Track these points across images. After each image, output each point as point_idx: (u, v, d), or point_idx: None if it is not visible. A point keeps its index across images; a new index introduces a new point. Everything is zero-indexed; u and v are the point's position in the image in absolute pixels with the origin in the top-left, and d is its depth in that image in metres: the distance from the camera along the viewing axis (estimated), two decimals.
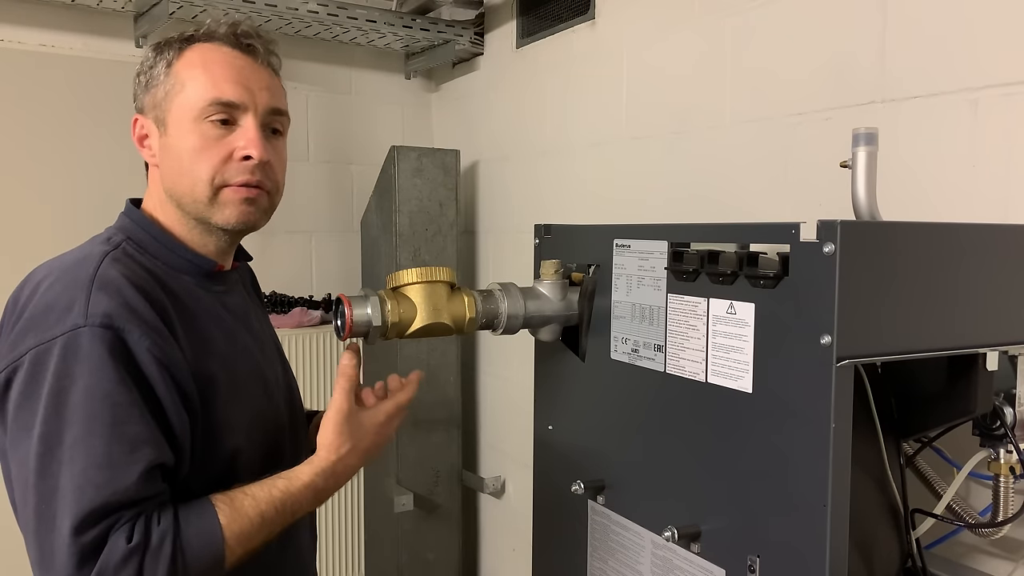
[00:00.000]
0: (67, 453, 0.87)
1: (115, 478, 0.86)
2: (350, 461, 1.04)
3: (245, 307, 1.16)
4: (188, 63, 1.05)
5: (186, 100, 1.03)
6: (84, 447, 0.87)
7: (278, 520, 0.97)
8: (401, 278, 1.19)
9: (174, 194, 1.05)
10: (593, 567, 1.29)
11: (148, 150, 1.08)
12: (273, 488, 0.97)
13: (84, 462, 0.86)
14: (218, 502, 0.93)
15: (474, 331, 1.26)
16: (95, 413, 0.88)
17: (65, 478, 0.86)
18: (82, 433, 0.87)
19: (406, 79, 2.90)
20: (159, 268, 1.02)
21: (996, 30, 1.29)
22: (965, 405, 1.02)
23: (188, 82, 1.04)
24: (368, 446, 1.06)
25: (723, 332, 1.02)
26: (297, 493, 0.99)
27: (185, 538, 0.89)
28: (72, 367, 0.88)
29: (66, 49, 2.33)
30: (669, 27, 1.91)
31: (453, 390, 2.60)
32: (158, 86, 1.05)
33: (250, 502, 0.95)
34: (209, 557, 0.90)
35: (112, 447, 0.87)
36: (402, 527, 2.53)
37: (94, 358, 0.89)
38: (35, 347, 0.90)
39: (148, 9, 2.29)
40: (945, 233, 0.99)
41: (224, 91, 1.03)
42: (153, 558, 0.86)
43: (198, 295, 1.05)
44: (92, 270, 0.94)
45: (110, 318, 0.90)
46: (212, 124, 1.03)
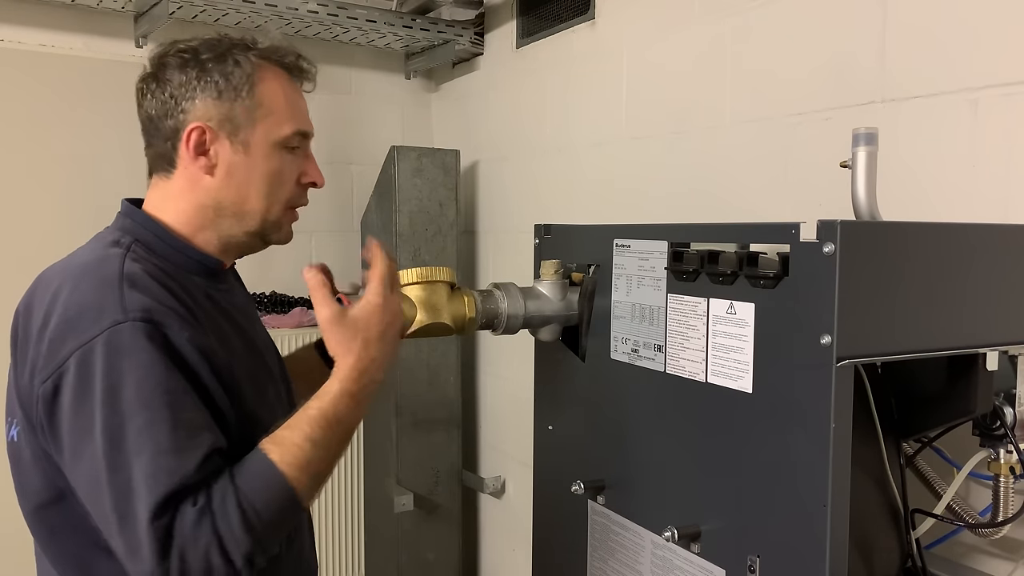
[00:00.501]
0: (133, 445, 0.88)
1: (183, 463, 0.88)
2: (369, 354, 1.04)
3: (247, 305, 1.19)
4: (271, 89, 1.08)
5: (273, 126, 1.07)
6: (149, 436, 0.88)
7: (330, 435, 0.97)
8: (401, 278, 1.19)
9: (236, 208, 1.07)
10: (593, 567, 1.29)
11: (205, 159, 1.05)
12: (308, 410, 0.98)
13: (152, 450, 0.88)
14: (264, 445, 0.94)
15: (474, 331, 1.26)
16: (152, 403, 0.89)
17: (136, 469, 0.87)
18: (144, 423, 0.88)
19: (406, 79, 2.90)
20: (169, 269, 1.03)
21: (996, 30, 1.29)
22: (965, 405, 1.02)
23: (274, 108, 1.07)
24: (379, 332, 1.05)
25: (723, 332, 1.02)
26: (333, 404, 0.99)
27: (244, 486, 0.90)
28: (120, 362, 0.89)
29: (66, 49, 2.33)
30: (669, 27, 1.91)
31: (453, 390, 2.60)
32: (235, 101, 1.05)
33: (293, 432, 0.96)
34: (276, 494, 0.91)
35: (175, 433, 0.89)
36: (402, 527, 2.53)
37: (140, 351, 0.90)
38: (77, 349, 0.90)
39: (148, 9, 2.29)
40: (945, 233, 0.99)
41: (303, 123, 1.12)
42: (222, 513, 0.87)
43: (209, 294, 1.07)
44: (118, 268, 0.96)
45: (149, 312, 0.92)
46: (287, 151, 1.10)
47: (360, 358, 1.03)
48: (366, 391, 1.03)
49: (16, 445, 1.00)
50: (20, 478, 1.01)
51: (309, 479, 0.94)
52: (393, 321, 1.08)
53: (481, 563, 2.79)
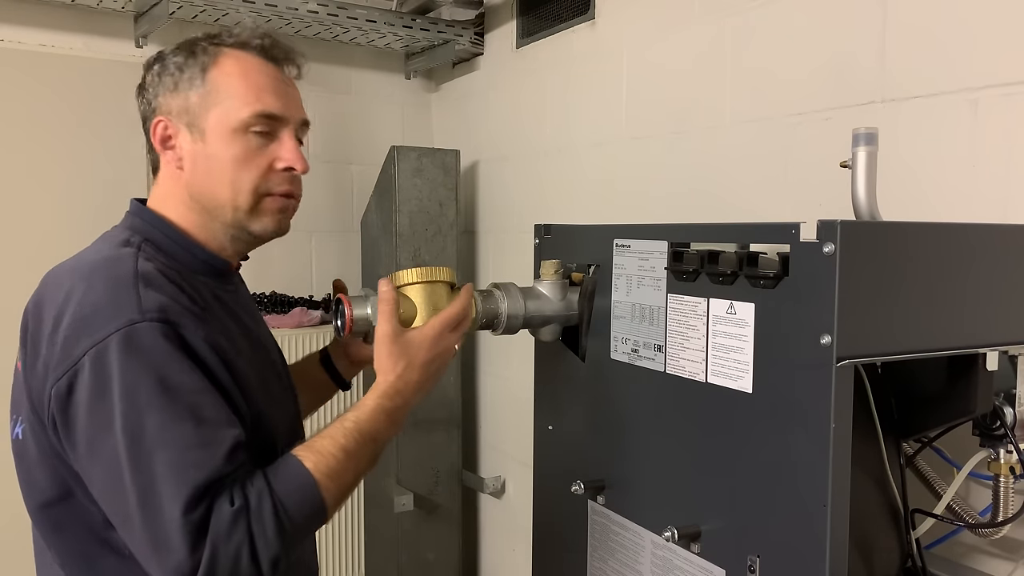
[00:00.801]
0: (156, 442, 0.88)
1: (210, 456, 0.89)
2: (410, 377, 1.07)
3: (250, 305, 1.19)
4: (226, 71, 1.05)
5: (228, 110, 1.04)
6: (173, 432, 0.88)
7: (362, 449, 0.99)
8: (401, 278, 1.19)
9: (208, 201, 1.06)
10: (593, 567, 1.29)
11: (172, 153, 1.07)
12: (344, 422, 1.00)
13: (177, 445, 0.88)
14: (298, 451, 0.96)
15: (474, 331, 1.26)
16: (173, 400, 0.89)
17: (161, 465, 0.87)
18: (167, 420, 0.89)
19: (406, 79, 2.90)
20: (177, 267, 1.03)
21: (996, 30, 1.29)
22: (965, 405, 1.02)
23: (229, 91, 1.05)
24: (425, 359, 1.08)
25: (723, 332, 1.02)
26: (369, 419, 1.02)
27: (280, 490, 0.91)
28: (137, 360, 0.89)
29: (66, 49, 2.33)
30: (669, 27, 1.91)
31: (453, 390, 2.60)
32: (190, 91, 1.05)
33: (327, 441, 0.97)
34: (308, 501, 0.93)
35: (199, 429, 0.89)
36: (402, 527, 2.53)
37: (158, 350, 0.90)
38: (92, 347, 0.90)
39: (148, 9, 2.29)
40: (945, 233, 0.99)
41: (268, 104, 1.06)
42: (258, 515, 0.88)
43: (216, 294, 1.07)
44: (132, 267, 0.96)
45: (165, 312, 0.92)
46: (254, 135, 1.05)
47: (401, 377, 1.06)
48: (400, 411, 1.06)
49: (21, 442, 1.00)
50: (25, 475, 1.01)
51: (338, 489, 0.96)
52: (442, 355, 1.10)
53: (481, 563, 2.79)
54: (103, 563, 0.97)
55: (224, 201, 1.06)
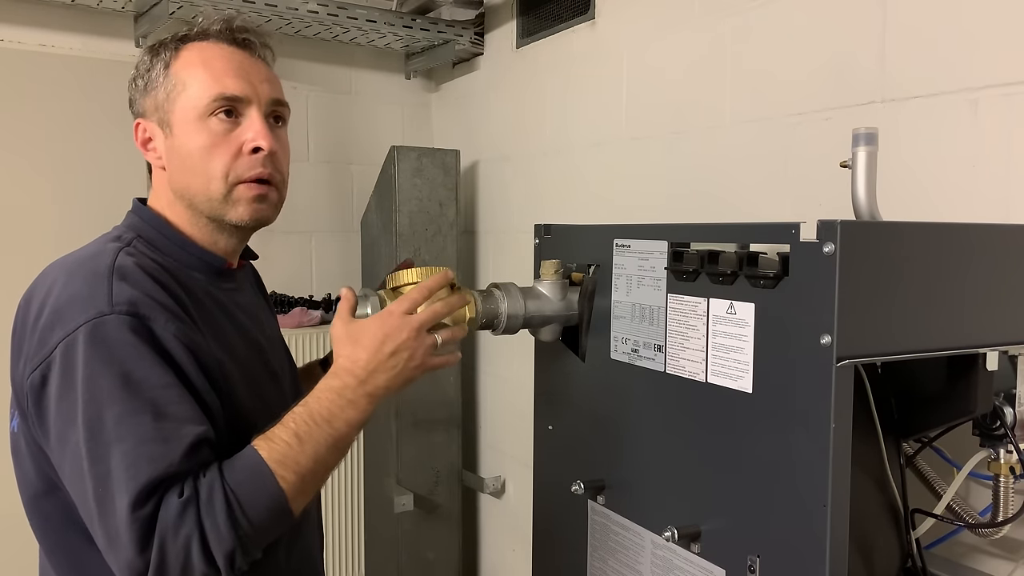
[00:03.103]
0: (113, 434, 0.87)
1: (165, 452, 0.87)
2: (358, 356, 1.01)
3: (254, 305, 1.18)
4: (187, 62, 1.05)
5: (190, 99, 1.04)
6: (130, 426, 0.87)
7: (316, 432, 0.95)
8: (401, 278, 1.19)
9: (186, 194, 1.06)
10: (593, 567, 1.29)
11: (154, 153, 1.08)
12: (295, 407, 0.98)
13: (133, 439, 0.87)
14: (255, 440, 0.94)
15: (474, 331, 1.26)
16: (134, 393, 0.88)
17: (116, 459, 0.87)
18: (125, 412, 0.88)
19: (406, 79, 2.90)
20: (170, 265, 1.03)
21: (996, 30, 1.29)
22: (965, 405, 1.02)
23: (189, 81, 1.04)
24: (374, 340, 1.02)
25: (723, 332, 1.02)
26: (317, 400, 0.98)
27: (232, 480, 0.89)
28: (102, 352, 0.89)
29: (66, 49, 2.33)
30: (669, 27, 1.91)
31: (453, 390, 2.60)
32: (158, 88, 1.06)
33: (280, 428, 0.95)
34: (262, 490, 0.90)
35: (157, 423, 0.88)
36: (402, 527, 2.53)
37: (123, 343, 0.90)
38: (63, 339, 0.90)
39: (148, 9, 2.29)
40: (945, 233, 0.99)
41: (227, 86, 1.04)
42: (208, 506, 0.86)
43: (210, 292, 1.06)
44: (110, 261, 0.96)
45: (135, 305, 0.92)
46: (218, 120, 1.03)
47: (348, 357, 1.02)
48: (354, 391, 1.00)
49: (16, 436, 1.01)
50: (19, 468, 1.02)
51: (295, 477, 0.92)
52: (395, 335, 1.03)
53: (481, 563, 2.79)
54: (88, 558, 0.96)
55: (198, 192, 1.05)
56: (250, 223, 1.07)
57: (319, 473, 0.96)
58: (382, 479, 2.57)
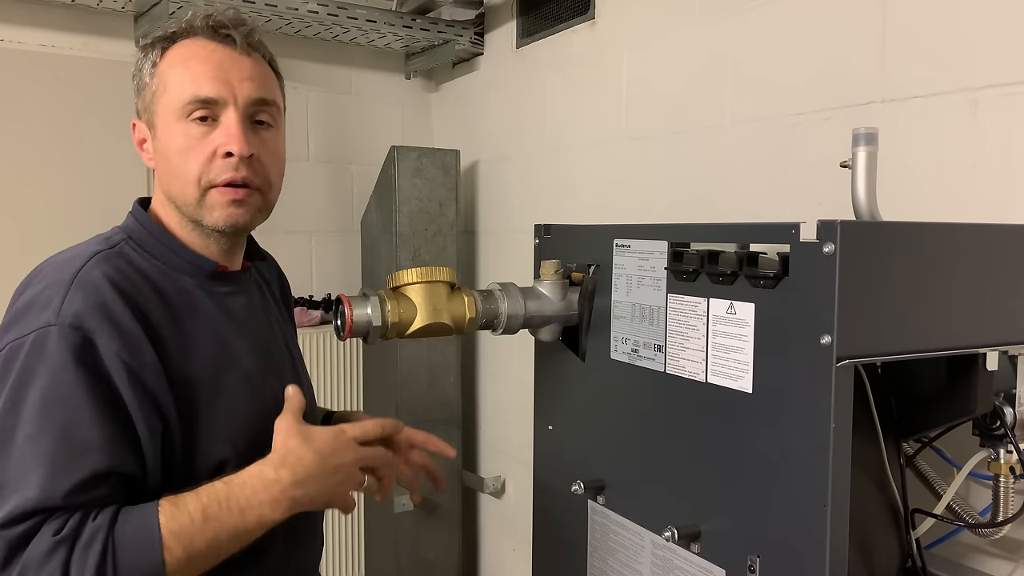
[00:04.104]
0: (16, 450, 0.87)
1: (54, 481, 0.85)
2: (303, 454, 0.96)
3: (252, 309, 1.12)
4: (170, 62, 1.04)
5: (169, 100, 1.02)
6: (33, 446, 0.86)
7: (224, 516, 0.91)
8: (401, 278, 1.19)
9: (170, 196, 1.05)
10: (593, 567, 1.29)
11: (146, 154, 1.08)
12: (218, 482, 0.93)
13: (29, 461, 0.86)
14: (163, 501, 0.90)
15: (474, 331, 1.26)
16: (48, 414, 0.87)
17: (10, 474, 0.86)
18: (32, 432, 0.87)
19: (406, 79, 2.90)
20: (156, 268, 1.01)
21: (995, 30, 1.29)
22: (965, 405, 1.02)
23: (170, 81, 1.03)
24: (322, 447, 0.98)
25: (723, 332, 1.02)
26: (241, 483, 0.93)
27: (119, 535, 0.85)
28: (36, 365, 0.88)
29: (66, 49, 2.33)
30: (669, 27, 1.91)
31: (453, 390, 2.60)
32: (146, 88, 1.05)
33: (192, 498, 0.91)
34: (145, 555, 0.86)
35: (57, 449, 0.86)
36: (402, 527, 2.53)
37: (56, 358, 0.88)
38: (11, 341, 0.91)
39: (148, 9, 2.29)
40: (945, 233, 0.99)
41: (202, 87, 1.01)
42: (83, 551, 0.83)
43: (195, 297, 1.03)
44: (75, 270, 0.94)
45: (80, 319, 0.90)
46: (194, 123, 1.01)
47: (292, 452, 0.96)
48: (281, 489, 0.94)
49: None
50: None
51: (183, 553, 0.88)
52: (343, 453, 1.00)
53: (481, 563, 2.79)
54: None
55: (178, 195, 1.03)
56: (225, 228, 1.03)
57: (209, 558, 0.92)
58: None
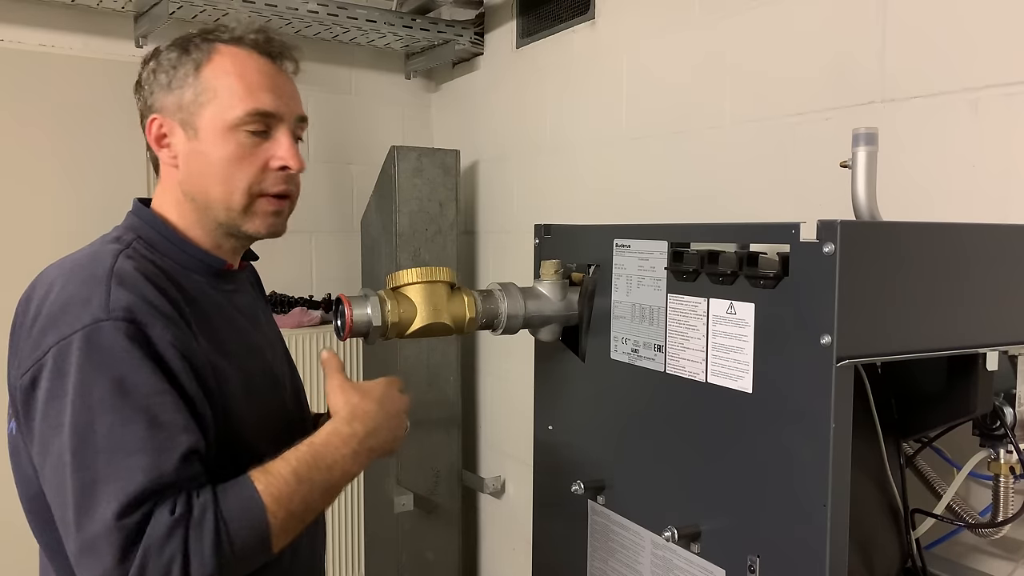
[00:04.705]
0: (103, 442, 0.86)
1: (158, 463, 0.86)
2: (367, 407, 1.05)
3: (254, 307, 1.17)
4: (221, 70, 1.04)
5: (221, 109, 1.03)
6: (121, 435, 0.87)
7: (314, 475, 0.96)
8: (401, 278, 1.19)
9: (201, 198, 1.05)
10: (593, 567, 1.29)
11: (168, 151, 1.06)
12: (301, 445, 0.98)
13: (125, 448, 0.86)
14: (253, 472, 0.93)
15: (474, 331, 1.26)
16: (127, 403, 0.88)
17: (104, 466, 0.86)
18: (117, 422, 0.87)
19: (406, 79, 2.90)
20: (169, 266, 1.02)
21: (996, 30, 1.29)
22: (965, 405, 1.02)
23: (221, 89, 1.03)
24: (379, 395, 1.08)
25: (723, 332, 1.02)
26: (324, 443, 0.99)
27: (225, 507, 0.88)
28: (96, 359, 0.88)
29: (66, 49, 2.33)
30: (669, 27, 1.91)
31: (453, 390, 2.60)
32: (184, 88, 1.04)
33: (281, 464, 0.95)
34: (252, 522, 0.90)
35: (151, 432, 0.87)
36: (402, 527, 2.53)
37: (119, 350, 0.89)
38: (56, 343, 0.90)
39: (148, 9, 2.29)
40: (945, 233, 0.99)
41: (262, 101, 1.04)
42: (197, 528, 0.86)
43: (209, 293, 1.05)
44: (109, 265, 0.95)
45: (131, 312, 0.91)
46: (247, 134, 1.03)
47: (357, 406, 1.04)
48: (359, 441, 1.02)
49: (14, 438, 1.01)
50: (17, 470, 1.01)
51: (285, 514, 0.92)
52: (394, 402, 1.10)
53: (481, 563, 2.79)
54: None
55: (217, 200, 1.04)
56: (265, 235, 1.08)
57: (306, 517, 0.96)
58: (382, 479, 2.57)
